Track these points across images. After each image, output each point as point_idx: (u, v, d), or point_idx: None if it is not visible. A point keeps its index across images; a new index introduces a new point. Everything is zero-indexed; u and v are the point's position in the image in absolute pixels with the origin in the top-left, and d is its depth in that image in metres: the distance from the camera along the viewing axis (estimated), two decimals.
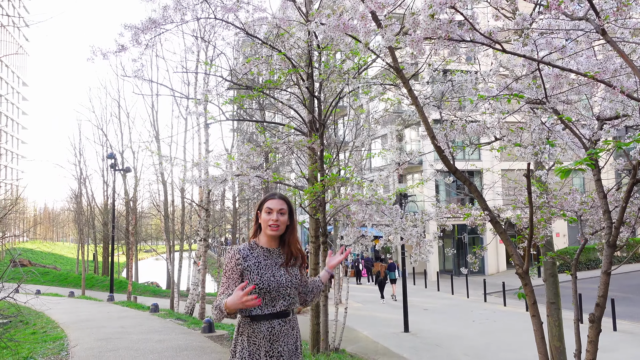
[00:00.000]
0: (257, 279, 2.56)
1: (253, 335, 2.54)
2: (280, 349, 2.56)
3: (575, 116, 4.60)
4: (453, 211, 5.24)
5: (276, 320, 2.57)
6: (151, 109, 21.31)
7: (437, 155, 4.16)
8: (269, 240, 2.71)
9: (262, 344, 2.53)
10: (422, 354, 11.25)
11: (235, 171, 6.14)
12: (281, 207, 2.69)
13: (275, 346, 2.55)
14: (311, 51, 6.04)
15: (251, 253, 2.64)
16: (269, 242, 2.71)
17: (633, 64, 2.76)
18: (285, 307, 2.62)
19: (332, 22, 3.33)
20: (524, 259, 3.89)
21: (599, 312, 3.70)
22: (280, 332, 2.57)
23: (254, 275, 2.57)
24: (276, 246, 2.73)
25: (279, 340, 2.56)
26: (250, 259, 2.61)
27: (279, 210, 2.68)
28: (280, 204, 2.70)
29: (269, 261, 2.65)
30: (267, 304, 2.57)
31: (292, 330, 2.65)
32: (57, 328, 9.89)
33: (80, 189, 33.57)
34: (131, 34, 3.91)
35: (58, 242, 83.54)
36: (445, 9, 2.57)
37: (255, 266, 2.60)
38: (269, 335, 2.54)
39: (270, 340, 2.54)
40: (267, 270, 2.61)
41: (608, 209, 3.84)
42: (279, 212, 2.67)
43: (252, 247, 2.68)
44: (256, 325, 2.54)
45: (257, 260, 2.62)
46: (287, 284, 2.63)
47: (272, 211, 2.67)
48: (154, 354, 6.78)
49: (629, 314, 15.44)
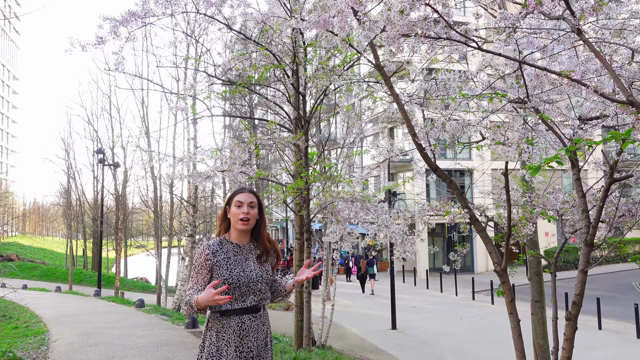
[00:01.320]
0: (226, 274, 2.54)
1: (222, 330, 2.52)
2: (250, 344, 2.54)
3: (558, 116, 4.62)
4: (436, 209, 5.24)
5: (246, 316, 2.55)
6: (141, 104, 21.21)
7: (419, 153, 4.15)
8: (239, 235, 2.68)
9: (231, 339, 2.51)
10: (408, 351, 11.29)
11: (220, 167, 6.11)
12: (251, 201, 2.68)
13: (245, 341, 2.53)
14: (296, 47, 6.02)
15: (221, 248, 2.62)
16: (240, 238, 2.69)
17: (608, 64, 2.76)
18: (255, 302, 2.59)
19: (312, 18, 3.33)
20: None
21: (576, 310, 3.72)
22: (251, 327, 2.55)
23: (224, 270, 2.55)
24: (247, 242, 2.71)
25: (248, 336, 2.54)
26: (219, 254, 2.59)
27: (249, 204, 2.66)
28: (250, 197, 2.68)
29: (239, 257, 2.63)
30: (237, 299, 2.55)
31: (262, 326, 2.63)
32: (39, 323, 9.81)
33: (69, 184, 33.33)
34: (110, 26, 3.86)
35: (48, 237, 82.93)
36: (420, 6, 2.55)
37: (224, 261, 2.58)
38: (238, 330, 2.52)
39: (240, 335, 2.52)
40: (237, 265, 2.59)
41: (586, 208, 3.86)
42: (249, 205, 2.66)
43: (222, 243, 2.65)
44: (226, 320, 2.52)
45: (227, 255, 2.60)
46: (258, 279, 2.61)
47: (242, 204, 2.65)
48: (134, 349, 6.75)
49: (614, 313, 15.59)
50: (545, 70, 3.02)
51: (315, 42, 5.95)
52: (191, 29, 14.63)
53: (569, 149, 2.25)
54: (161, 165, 17.62)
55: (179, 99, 5.43)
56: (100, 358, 6.29)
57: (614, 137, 2.37)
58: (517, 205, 5.19)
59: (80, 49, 3.93)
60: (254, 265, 2.64)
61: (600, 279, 22.91)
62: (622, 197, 4.40)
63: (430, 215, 5.47)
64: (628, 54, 3.51)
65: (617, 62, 3.64)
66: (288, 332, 10.76)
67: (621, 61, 3.59)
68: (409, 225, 5.71)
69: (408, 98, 5.16)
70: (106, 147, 26.62)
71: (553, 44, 3.54)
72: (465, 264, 28.07)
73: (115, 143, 25.74)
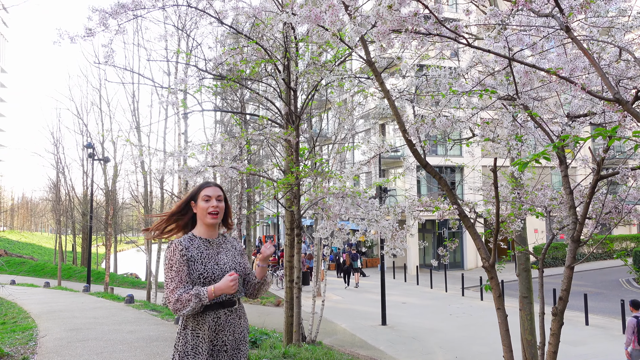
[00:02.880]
0: (201, 268, 2.52)
1: (197, 327, 2.49)
2: (224, 339, 2.53)
3: (547, 113, 4.65)
4: (425, 204, 5.26)
5: (222, 310, 2.53)
6: (132, 98, 21.02)
7: (409, 149, 4.16)
8: (207, 230, 2.65)
9: (206, 335, 2.48)
10: (398, 347, 11.36)
11: (211, 162, 6.09)
12: (218, 194, 2.67)
13: (220, 336, 2.51)
14: (287, 42, 6.00)
15: (191, 244, 2.58)
16: (208, 232, 2.66)
17: (595, 62, 2.79)
18: (230, 296, 2.56)
19: (304, 12, 3.32)
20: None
21: (562, 306, 3.76)
22: (226, 322, 2.54)
23: (198, 265, 2.52)
24: (216, 236, 2.68)
25: (224, 330, 2.53)
26: (192, 249, 2.55)
27: (217, 197, 2.65)
28: (217, 191, 2.67)
29: (211, 251, 2.61)
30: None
31: (238, 320, 2.61)
32: (28, 318, 9.73)
33: (58, 179, 33.04)
34: (99, 17, 3.82)
35: (36, 232, 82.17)
36: (411, 2, 2.56)
37: (198, 256, 2.55)
38: (214, 325, 2.50)
39: (215, 330, 2.50)
40: (210, 259, 2.57)
41: (574, 205, 3.90)
42: (217, 198, 2.65)
43: (192, 239, 2.61)
44: (201, 317, 2.49)
45: (199, 250, 2.57)
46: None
47: (210, 198, 2.63)
48: (123, 345, 6.72)
49: (601, 309, 15.79)
50: (535, 68, 3.05)
51: (306, 37, 5.94)
52: (182, 23, 14.56)
53: (557, 145, 2.27)
54: (151, 160, 17.51)
55: (170, 93, 5.40)
56: (89, 353, 6.26)
57: (600, 134, 2.40)
58: (506, 202, 5.22)
59: (69, 40, 3.89)
60: (226, 258, 2.63)
61: (588, 275, 23.17)
62: (609, 194, 4.45)
63: (420, 210, 5.49)
64: (616, 52, 3.55)
65: (605, 60, 3.67)
66: (278, 327, 10.78)
67: (609, 59, 3.63)
68: (399, 221, 5.73)
69: (399, 94, 5.17)
70: (96, 141, 26.41)
71: (542, 41, 3.57)
72: (455, 260, 28.25)
73: (105, 137, 25.55)
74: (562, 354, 4.13)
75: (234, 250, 2.71)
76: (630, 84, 3.72)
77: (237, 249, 2.74)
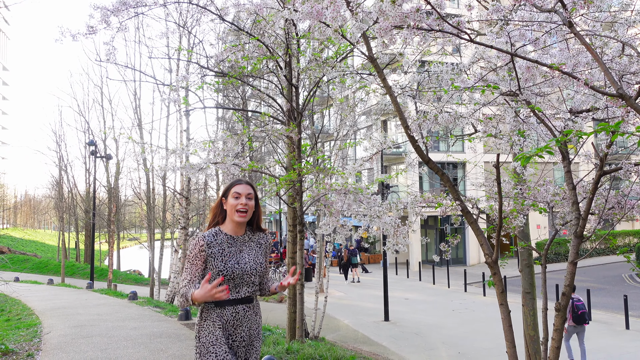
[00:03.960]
0: (221, 265, 2.56)
1: (217, 320, 2.55)
2: (242, 334, 2.59)
3: (549, 109, 4.64)
4: (428, 200, 5.27)
5: (240, 306, 2.59)
6: (134, 95, 21.04)
7: (411, 145, 4.16)
8: (235, 227, 2.68)
9: (225, 329, 2.55)
10: (400, 342, 11.38)
11: (213, 159, 6.10)
12: (249, 192, 2.68)
13: (238, 331, 2.58)
14: (289, 39, 5.99)
15: (215, 240, 2.62)
16: (235, 229, 2.69)
17: (598, 57, 2.78)
18: (249, 293, 2.63)
19: (305, 8, 3.31)
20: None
21: (565, 301, 3.76)
22: (244, 318, 2.60)
23: (218, 262, 2.56)
24: (242, 233, 2.71)
25: (242, 325, 2.59)
26: (214, 246, 2.59)
27: (247, 195, 2.66)
28: (247, 189, 2.68)
29: (234, 248, 2.64)
30: (232, 289, 2.58)
31: (255, 316, 2.67)
32: (32, 315, 9.78)
33: (61, 176, 33.10)
34: (101, 15, 3.82)
35: (39, 230, 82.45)
36: None
37: (219, 253, 2.58)
38: (232, 320, 2.56)
39: (234, 325, 2.56)
40: (232, 257, 2.60)
41: (577, 200, 3.90)
42: (246, 196, 2.66)
43: (217, 234, 2.65)
44: (220, 310, 2.55)
45: (221, 247, 2.60)
46: (252, 271, 2.63)
47: (240, 196, 2.65)
48: (127, 341, 6.75)
49: (604, 304, 15.79)
50: (537, 63, 3.04)
51: (308, 34, 5.92)
52: (183, 20, 14.54)
53: (559, 139, 2.26)
54: (154, 157, 17.54)
55: (172, 90, 5.40)
56: (93, 350, 6.29)
57: (604, 129, 2.39)
58: (509, 197, 5.22)
59: (70, 38, 3.89)
60: (248, 257, 2.66)
61: (591, 270, 23.16)
62: (612, 189, 4.44)
63: (423, 207, 5.50)
64: (618, 47, 3.53)
65: (608, 55, 3.65)
66: (281, 324, 10.80)
67: (612, 54, 3.61)
68: (401, 218, 5.73)
69: (401, 90, 5.16)
70: (98, 139, 26.45)
71: (545, 36, 3.55)
72: (457, 256, 28.25)
73: (107, 135, 25.58)
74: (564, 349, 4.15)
75: (258, 249, 2.73)
76: (633, 79, 3.71)
77: (262, 246, 2.76)
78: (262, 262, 2.72)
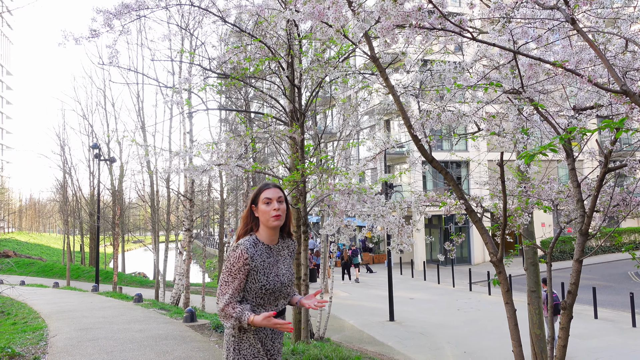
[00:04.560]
0: (264, 280, 2.48)
1: (256, 334, 2.50)
2: (278, 347, 2.59)
3: (553, 106, 4.62)
4: (432, 199, 5.26)
5: (279, 319, 2.50)
6: (137, 98, 21.08)
7: (415, 144, 4.15)
8: (269, 234, 2.58)
9: (264, 342, 2.52)
10: (406, 342, 11.36)
11: (216, 160, 6.10)
12: (279, 195, 2.59)
13: (275, 344, 2.56)
14: (291, 39, 6.00)
15: (256, 251, 2.51)
16: (270, 237, 2.58)
17: (602, 54, 2.77)
18: (284, 305, 2.60)
19: (307, 9, 3.31)
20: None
21: (571, 299, 3.74)
22: (279, 331, 2.56)
23: (261, 275, 2.48)
24: (276, 242, 2.62)
25: (278, 338, 2.57)
26: (256, 258, 2.49)
27: (278, 199, 2.57)
28: (278, 192, 2.59)
29: (271, 259, 2.56)
30: (271, 303, 2.53)
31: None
32: (38, 318, 9.81)
33: (65, 180, 33.23)
34: (103, 18, 3.84)
35: (44, 233, 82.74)
36: None
37: (261, 266, 2.50)
38: (271, 334, 2.53)
39: (272, 338, 2.54)
40: (272, 269, 2.53)
41: (581, 198, 3.88)
42: (277, 200, 2.56)
43: (256, 244, 2.54)
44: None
45: (262, 259, 2.52)
46: (289, 283, 2.60)
47: (271, 201, 2.55)
48: (133, 344, 6.77)
49: (610, 302, 15.72)
50: (540, 60, 3.03)
51: (310, 34, 5.93)
52: (185, 22, 14.55)
53: (563, 137, 2.26)
54: (157, 160, 17.58)
55: (175, 92, 5.41)
56: (99, 352, 6.30)
57: (608, 125, 2.38)
58: (513, 196, 5.21)
59: (73, 42, 3.91)
60: (284, 268, 2.60)
61: (596, 268, 23.06)
62: (617, 186, 4.42)
63: (427, 206, 5.49)
64: (622, 43, 3.52)
65: (611, 52, 3.64)
66: None
67: (615, 50, 3.60)
68: (405, 217, 5.73)
69: (403, 89, 5.16)
70: (102, 142, 26.56)
71: (547, 33, 3.54)
72: (462, 255, 28.20)
73: (110, 138, 25.66)
74: (571, 347, 4.13)
75: (289, 257, 2.68)
76: (637, 76, 3.69)
77: (291, 254, 2.71)
78: (293, 271, 2.71)
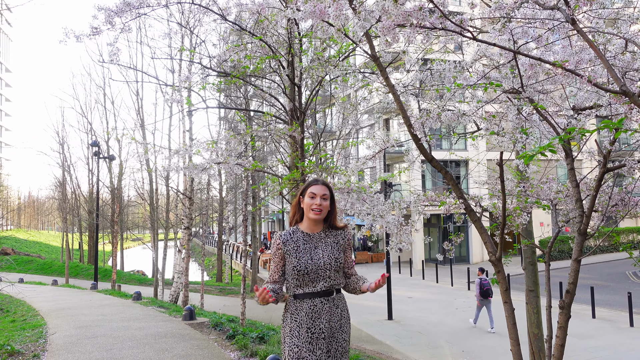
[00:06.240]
0: (295, 261, 2.75)
1: (295, 312, 2.74)
2: (321, 326, 2.72)
3: (552, 106, 4.63)
4: (431, 199, 5.27)
5: (318, 299, 2.75)
6: (136, 96, 21.06)
7: (414, 143, 4.16)
8: (311, 224, 2.86)
9: (303, 321, 2.71)
10: (404, 341, 11.39)
11: (216, 159, 6.11)
12: (324, 193, 2.84)
13: (316, 323, 2.72)
14: (291, 38, 6.00)
15: (291, 238, 2.82)
16: (311, 227, 2.86)
17: (601, 54, 2.78)
18: (327, 287, 2.77)
19: (308, 8, 3.31)
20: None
21: (569, 299, 3.76)
22: (322, 310, 2.74)
23: (293, 258, 2.76)
24: (318, 230, 2.87)
25: (320, 318, 2.73)
26: (289, 243, 2.79)
27: (322, 196, 2.83)
28: (323, 190, 2.85)
29: (309, 245, 2.81)
30: (308, 284, 2.75)
31: (335, 309, 2.79)
32: (37, 316, 9.81)
33: (64, 177, 33.20)
34: (104, 16, 3.84)
35: (43, 231, 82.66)
36: None
37: (294, 250, 2.78)
38: (310, 312, 2.72)
39: (312, 317, 2.72)
40: (305, 253, 2.77)
41: (580, 198, 3.90)
42: (322, 197, 2.82)
43: (294, 232, 2.85)
44: (299, 303, 2.75)
45: (297, 244, 2.79)
46: (326, 266, 2.77)
47: (315, 196, 2.82)
48: (132, 341, 6.77)
49: (608, 302, 15.76)
50: (540, 60, 3.04)
51: (310, 33, 5.93)
52: (186, 20, 14.55)
53: (563, 137, 2.26)
54: (157, 158, 17.58)
55: (174, 90, 5.41)
56: (98, 350, 6.31)
57: (607, 125, 2.39)
58: (512, 195, 5.22)
59: (74, 39, 3.91)
60: (323, 253, 2.80)
61: (594, 268, 23.11)
62: (615, 186, 4.43)
63: (426, 205, 5.50)
64: (621, 44, 3.53)
65: (611, 52, 3.65)
66: None
67: (615, 51, 3.61)
68: (404, 216, 5.74)
69: (403, 88, 5.16)
70: (101, 139, 26.54)
71: (547, 33, 3.55)
72: (460, 255, 28.24)
73: (110, 136, 25.64)
74: (569, 347, 4.15)
75: (336, 245, 2.87)
76: (636, 76, 3.70)
77: (340, 243, 2.90)
78: (339, 257, 2.84)
